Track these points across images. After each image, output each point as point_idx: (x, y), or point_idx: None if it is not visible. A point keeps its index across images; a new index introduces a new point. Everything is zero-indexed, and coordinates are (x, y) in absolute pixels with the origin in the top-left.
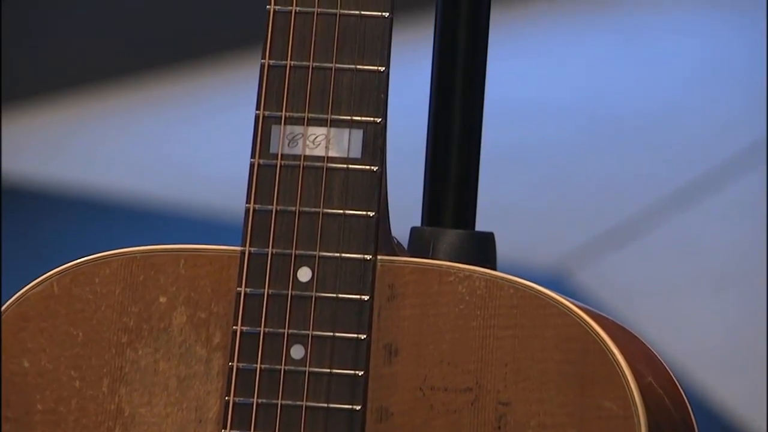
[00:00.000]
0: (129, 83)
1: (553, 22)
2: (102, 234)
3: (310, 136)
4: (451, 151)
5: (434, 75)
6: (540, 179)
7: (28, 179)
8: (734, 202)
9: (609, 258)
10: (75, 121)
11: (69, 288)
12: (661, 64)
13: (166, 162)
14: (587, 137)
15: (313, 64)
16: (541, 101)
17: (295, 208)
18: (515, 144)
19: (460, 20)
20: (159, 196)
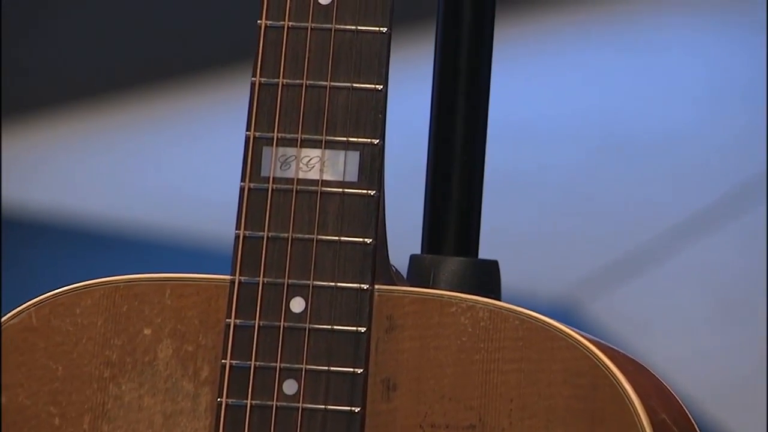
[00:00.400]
0: (109, 104)
1: (558, 41)
2: (83, 262)
3: (304, 159)
4: (453, 174)
5: (435, 94)
6: (546, 204)
7: (5, 204)
8: (748, 231)
9: (619, 288)
10: (53, 144)
11: (48, 319)
12: (671, 85)
13: (150, 185)
14: (596, 160)
15: (306, 82)
16: (547, 123)
17: (287, 234)
18: (520, 167)
19: (462, 37)
20: (143, 221)
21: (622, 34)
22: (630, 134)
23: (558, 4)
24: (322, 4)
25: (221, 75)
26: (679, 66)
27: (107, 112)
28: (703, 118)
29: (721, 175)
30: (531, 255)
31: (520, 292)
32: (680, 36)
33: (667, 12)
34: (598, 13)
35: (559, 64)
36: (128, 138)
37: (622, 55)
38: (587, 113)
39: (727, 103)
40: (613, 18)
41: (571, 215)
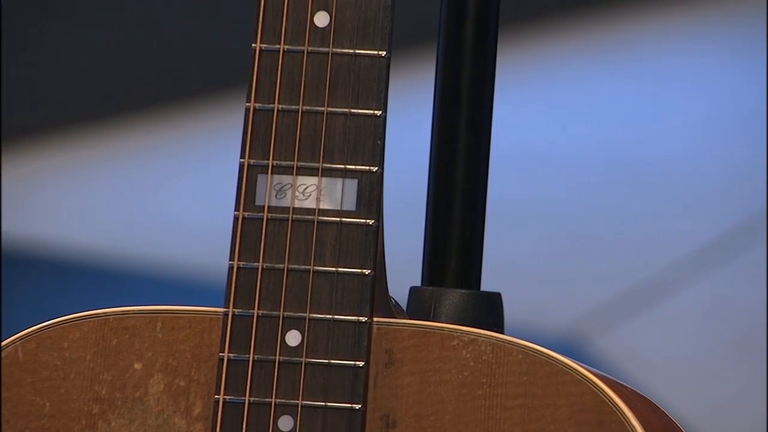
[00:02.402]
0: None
1: (561, 70)
2: (71, 294)
3: (300, 187)
4: (454, 203)
5: (436, 121)
6: (551, 235)
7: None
8: (753, 264)
9: (625, 322)
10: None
11: (35, 353)
12: (676, 113)
13: (143, 216)
14: (601, 191)
15: (303, 108)
16: (551, 152)
17: (283, 265)
18: (523, 197)
19: (463, 63)
20: (133, 252)
21: (625, 63)
22: (633, 164)
23: (560, 32)
24: (319, 27)
25: (216, 101)
26: (681, 95)
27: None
28: (707, 147)
29: (726, 205)
30: (535, 287)
31: (523, 326)
32: (682, 65)
33: (669, 41)
34: (601, 41)
35: (561, 92)
36: (122, 168)
37: (625, 84)
38: (590, 143)
39: (731, 132)
40: (616, 46)
41: (575, 247)
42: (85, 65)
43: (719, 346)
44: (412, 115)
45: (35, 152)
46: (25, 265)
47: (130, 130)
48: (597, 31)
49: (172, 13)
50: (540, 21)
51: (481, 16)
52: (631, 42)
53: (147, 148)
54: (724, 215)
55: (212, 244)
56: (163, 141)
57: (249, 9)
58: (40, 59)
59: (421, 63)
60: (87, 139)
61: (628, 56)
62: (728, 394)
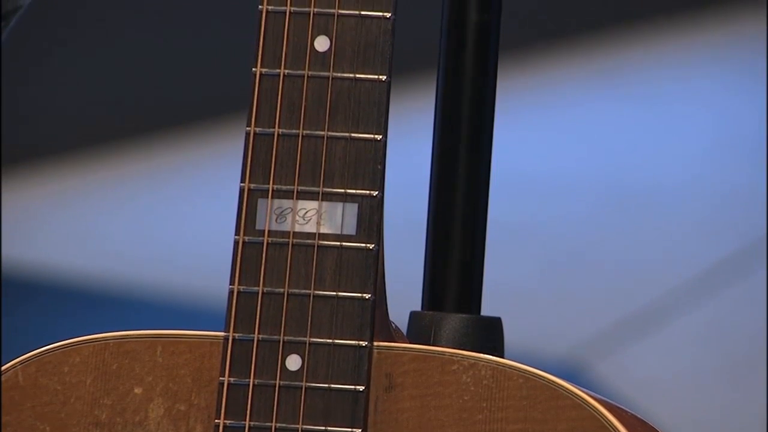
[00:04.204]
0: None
1: (561, 93)
2: (71, 319)
3: (300, 211)
4: (455, 228)
5: (436, 146)
6: (551, 260)
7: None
8: (759, 288)
9: (627, 347)
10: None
11: (35, 378)
12: (676, 138)
13: (141, 240)
14: (601, 216)
15: (303, 132)
16: (550, 176)
17: (283, 289)
18: (523, 221)
19: (464, 88)
20: (133, 277)
21: (624, 88)
22: (633, 189)
23: (561, 57)
24: (320, 51)
25: (216, 126)
26: (681, 119)
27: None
28: (706, 172)
29: (726, 230)
30: (535, 312)
31: (524, 351)
32: (681, 90)
33: (668, 66)
34: (601, 65)
35: (561, 117)
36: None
37: (624, 109)
38: (589, 167)
39: (730, 156)
40: (616, 71)
41: (575, 271)
42: (85, 91)
43: (719, 371)
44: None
45: (35, 178)
46: (26, 290)
47: (130, 155)
48: (596, 56)
49: (172, 38)
50: (540, 47)
51: (481, 42)
52: (630, 67)
53: (147, 173)
54: (723, 240)
55: (212, 268)
56: (163, 166)
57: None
58: (40, 86)
59: (422, 88)
60: (86, 165)
61: (627, 81)
62: (727, 418)
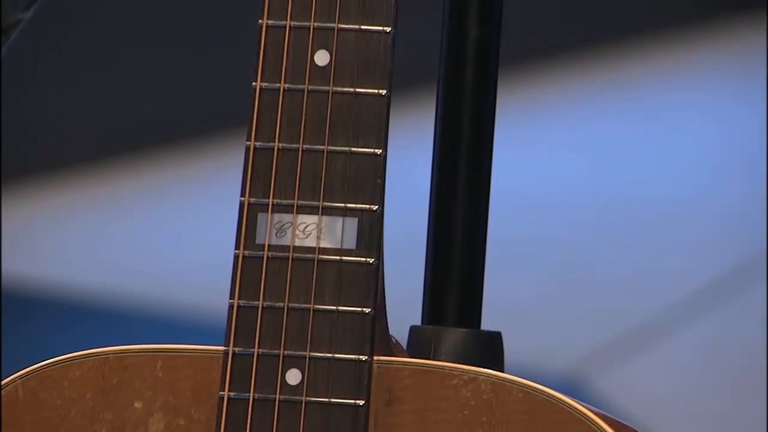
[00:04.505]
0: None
1: (560, 109)
2: (71, 334)
3: (300, 225)
4: (455, 242)
5: (436, 160)
6: (551, 275)
7: None
8: (759, 303)
9: (627, 362)
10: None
11: (35, 392)
12: (676, 153)
13: (140, 254)
14: (601, 231)
15: (303, 147)
16: (550, 192)
17: (283, 304)
18: (523, 236)
19: (464, 101)
20: (133, 291)
21: (624, 103)
22: (633, 204)
23: (560, 71)
24: (320, 66)
25: (215, 140)
26: (681, 135)
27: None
28: (707, 188)
29: (726, 245)
30: (535, 326)
31: (523, 365)
32: (681, 105)
33: (668, 81)
34: (601, 80)
35: (560, 131)
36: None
37: (624, 125)
38: (589, 183)
39: (731, 172)
40: (616, 86)
41: (575, 286)
42: (85, 106)
43: (719, 385)
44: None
45: (35, 192)
46: (25, 304)
47: (130, 170)
48: (595, 71)
49: (171, 53)
50: (540, 62)
51: (481, 56)
52: (629, 83)
53: (147, 188)
54: (724, 256)
55: (212, 282)
56: (163, 180)
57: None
58: (40, 101)
59: (422, 102)
60: (86, 180)
61: (626, 97)
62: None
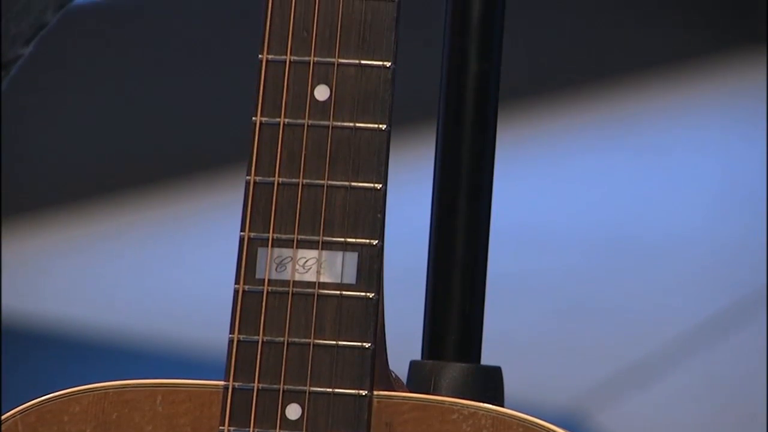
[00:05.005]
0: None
1: (561, 143)
2: (71, 369)
3: (300, 260)
4: (454, 277)
5: (436, 194)
6: (551, 310)
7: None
8: (759, 340)
9: (627, 397)
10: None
11: (35, 427)
12: (677, 188)
13: (140, 290)
14: (601, 266)
15: (303, 181)
16: (550, 226)
17: (283, 338)
18: (523, 271)
19: (463, 136)
20: (133, 326)
21: (625, 138)
22: (634, 239)
23: (561, 107)
24: (320, 100)
25: (215, 175)
26: (682, 170)
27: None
28: (708, 223)
29: (727, 281)
30: (535, 362)
31: (524, 401)
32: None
33: (670, 116)
34: (602, 115)
35: (561, 166)
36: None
37: (626, 159)
38: (590, 217)
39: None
40: (616, 122)
41: (575, 321)
42: (86, 141)
43: (719, 421)
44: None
45: (35, 228)
46: (25, 339)
47: (131, 205)
48: (597, 107)
49: (171, 88)
50: (539, 97)
51: (481, 91)
52: (630, 118)
53: (146, 223)
54: (724, 291)
55: (212, 317)
56: (164, 215)
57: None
58: (41, 136)
59: (422, 136)
60: (86, 215)
61: (627, 132)
62: None
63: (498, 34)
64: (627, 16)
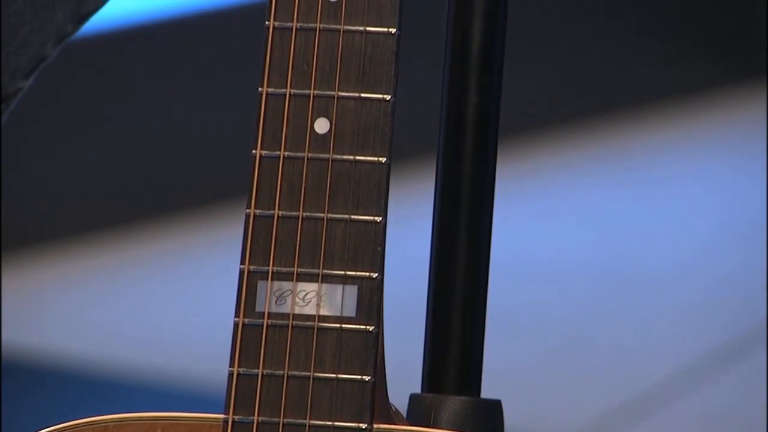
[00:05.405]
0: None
1: (560, 177)
2: (70, 402)
3: (300, 293)
4: (454, 310)
5: (435, 227)
6: (551, 344)
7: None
8: (759, 375)
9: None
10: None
11: None
12: (674, 223)
13: (140, 323)
14: (601, 300)
15: (303, 214)
16: (550, 259)
17: (283, 372)
18: (523, 305)
19: (463, 168)
20: (132, 360)
21: (622, 173)
22: (634, 271)
23: (559, 141)
24: (320, 133)
25: (214, 208)
26: (679, 205)
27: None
28: (708, 255)
29: (726, 315)
30: (535, 395)
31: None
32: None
33: (666, 151)
34: (601, 148)
35: (560, 199)
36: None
37: (622, 194)
38: (588, 251)
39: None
40: (617, 155)
41: (575, 356)
42: (85, 176)
43: None
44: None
45: (35, 263)
46: (25, 374)
47: (128, 239)
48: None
49: (171, 122)
50: (539, 130)
51: (481, 124)
52: (631, 151)
53: (146, 257)
54: (724, 325)
55: (212, 350)
56: (163, 249)
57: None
58: (40, 171)
59: (422, 169)
60: (86, 250)
61: (628, 165)
62: None
63: (498, 66)
64: (627, 51)
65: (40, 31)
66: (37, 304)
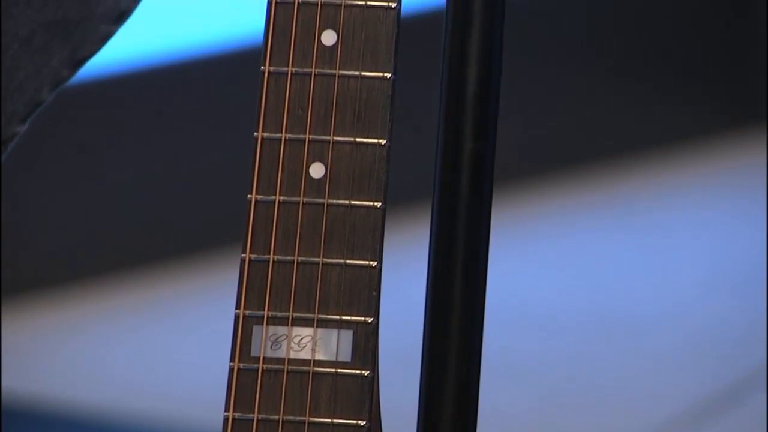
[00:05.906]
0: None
1: (557, 223)
2: None
3: (295, 338)
4: (449, 355)
5: (431, 273)
6: (547, 389)
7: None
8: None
9: None
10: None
11: None
12: (673, 268)
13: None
14: (599, 344)
15: (298, 259)
16: (547, 306)
17: (278, 416)
18: (519, 352)
19: (458, 214)
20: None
21: (622, 217)
22: (631, 318)
23: (556, 187)
24: (315, 178)
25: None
26: (678, 250)
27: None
28: (706, 303)
29: (726, 360)
30: None
31: None
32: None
33: (667, 195)
34: (597, 195)
35: (556, 245)
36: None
37: (620, 240)
38: (586, 296)
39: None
40: (613, 201)
41: (571, 402)
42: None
43: None
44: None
45: (34, 309)
46: (25, 421)
47: (127, 286)
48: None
49: (167, 168)
50: (535, 176)
51: (476, 169)
52: (627, 198)
53: (144, 304)
54: (724, 371)
55: (209, 396)
56: (160, 296)
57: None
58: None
59: (417, 214)
60: (85, 296)
61: (624, 211)
62: None
63: (493, 112)
64: (623, 97)
65: (36, 76)
66: (37, 351)
